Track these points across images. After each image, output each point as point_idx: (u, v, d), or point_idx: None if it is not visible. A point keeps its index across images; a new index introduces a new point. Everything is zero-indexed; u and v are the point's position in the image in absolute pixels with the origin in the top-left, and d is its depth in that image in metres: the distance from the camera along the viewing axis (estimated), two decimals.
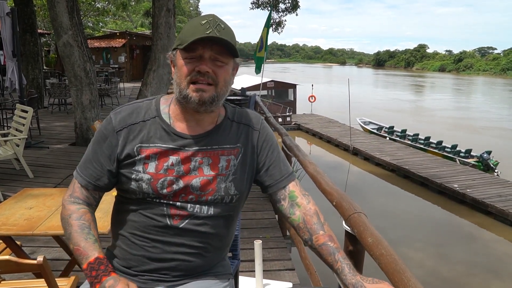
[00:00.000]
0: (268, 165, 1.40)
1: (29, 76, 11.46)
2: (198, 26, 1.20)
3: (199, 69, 1.21)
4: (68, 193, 1.36)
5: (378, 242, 1.71)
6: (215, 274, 1.41)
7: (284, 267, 3.56)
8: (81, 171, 1.34)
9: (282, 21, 21.54)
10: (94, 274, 1.18)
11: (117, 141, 1.30)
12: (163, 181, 1.27)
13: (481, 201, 9.75)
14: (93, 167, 1.32)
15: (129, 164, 1.29)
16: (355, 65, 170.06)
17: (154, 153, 1.28)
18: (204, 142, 1.32)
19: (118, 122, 1.32)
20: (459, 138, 17.52)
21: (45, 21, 25.95)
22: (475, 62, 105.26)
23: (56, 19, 6.94)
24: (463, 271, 7.37)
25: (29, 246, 3.62)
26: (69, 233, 1.28)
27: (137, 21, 46.48)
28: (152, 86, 8.46)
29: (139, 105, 1.36)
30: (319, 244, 1.31)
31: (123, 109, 1.35)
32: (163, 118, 1.33)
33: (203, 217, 1.31)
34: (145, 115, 1.33)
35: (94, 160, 1.32)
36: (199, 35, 1.18)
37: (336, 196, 2.30)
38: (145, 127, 1.31)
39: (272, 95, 22.99)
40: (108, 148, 1.31)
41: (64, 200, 1.35)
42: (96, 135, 1.35)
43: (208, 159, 1.31)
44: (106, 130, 1.33)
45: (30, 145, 7.34)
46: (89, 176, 1.33)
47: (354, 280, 1.19)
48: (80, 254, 1.23)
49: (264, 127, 1.44)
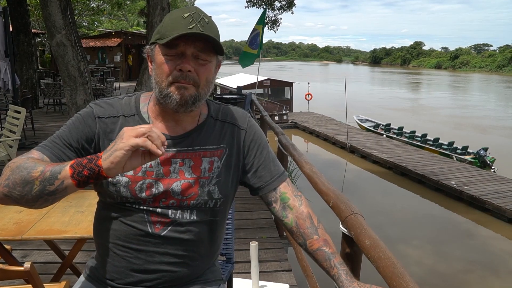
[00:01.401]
0: (256, 166, 1.33)
1: (23, 77, 11.38)
2: (179, 20, 1.12)
3: (181, 67, 1.13)
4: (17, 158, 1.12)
5: (375, 244, 1.67)
6: (204, 282, 1.34)
7: (281, 268, 3.52)
8: (42, 145, 1.17)
9: (277, 19, 21.50)
10: (85, 162, 0.98)
11: (95, 126, 1.21)
12: (141, 183, 1.19)
13: (478, 198, 9.76)
14: (61, 142, 1.18)
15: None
16: (352, 62, 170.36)
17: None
18: (185, 143, 1.24)
19: (98, 110, 1.24)
20: (469, 138, 17.10)
21: (40, 21, 25.78)
22: (471, 59, 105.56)
23: (49, 18, 6.86)
24: (461, 268, 7.36)
25: (21, 250, 3.57)
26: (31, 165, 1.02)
27: (133, 20, 46.29)
28: (147, 86, 8.40)
29: (119, 100, 1.28)
30: (313, 250, 1.26)
31: (103, 100, 1.28)
32: (142, 116, 1.26)
33: (186, 223, 1.23)
34: (125, 110, 1.26)
35: (64, 135, 1.19)
36: (182, 30, 1.10)
37: (333, 197, 2.25)
38: (124, 123, 1.23)
39: (268, 93, 22.95)
40: (84, 129, 1.20)
41: (11, 162, 1.10)
42: (72, 119, 1.24)
43: (189, 161, 1.23)
44: (85, 113, 1.23)
45: (24, 146, 7.26)
46: (54, 148, 1.16)
47: (351, 287, 1.15)
48: (56, 166, 1.01)
49: (251, 126, 1.36)
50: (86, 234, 2.09)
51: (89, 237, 2.09)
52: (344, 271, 1.20)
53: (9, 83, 7.12)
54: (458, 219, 9.65)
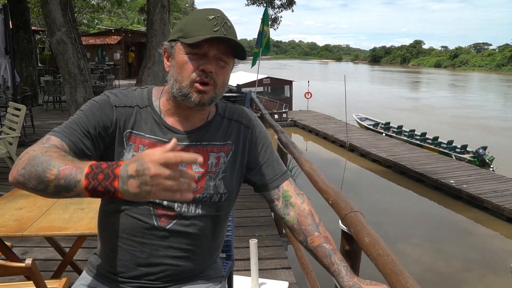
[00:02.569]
0: (261, 163, 1.36)
1: (23, 74, 11.37)
2: (204, 21, 1.15)
3: (204, 68, 1.15)
4: (33, 145, 1.08)
5: (375, 242, 1.68)
6: (206, 278, 1.36)
7: (280, 265, 3.53)
8: (58, 131, 1.14)
9: (278, 17, 21.52)
10: (101, 177, 0.90)
11: (112, 114, 1.21)
12: None
13: (477, 197, 9.77)
14: (76, 131, 1.14)
15: (118, 153, 1.22)
16: (351, 61, 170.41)
17: (143, 144, 1.23)
18: (194, 138, 1.27)
19: (114, 99, 1.24)
20: (482, 140, 16.41)
21: (40, 18, 25.76)
22: (470, 58, 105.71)
23: (49, 16, 6.87)
24: (459, 267, 7.38)
25: (21, 247, 3.57)
26: (47, 161, 0.97)
27: (133, 18, 46.27)
28: (147, 83, 8.40)
29: (132, 91, 1.30)
30: (314, 246, 1.27)
31: (117, 90, 1.30)
32: (155, 109, 1.28)
33: (191, 217, 1.25)
34: (139, 101, 1.28)
35: (81, 121, 1.16)
36: (208, 32, 1.13)
37: (332, 195, 2.26)
38: (139, 113, 1.25)
39: (268, 91, 22.94)
40: (102, 116, 1.20)
41: (30, 149, 1.05)
42: (87, 105, 1.22)
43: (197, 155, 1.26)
44: (102, 101, 1.23)
45: (24, 143, 7.25)
46: (71, 135, 1.13)
47: (352, 282, 1.16)
48: (70, 171, 0.93)
49: (256, 124, 1.39)
50: (86, 231, 2.09)
51: (90, 233, 2.10)
52: (345, 267, 1.21)
53: (9, 80, 7.11)
54: (456, 218, 9.67)
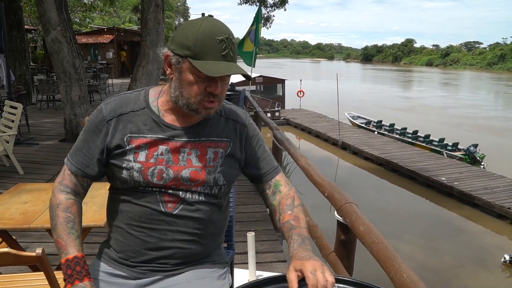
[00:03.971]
0: (256, 158, 1.47)
1: (16, 73, 11.35)
2: (213, 42, 1.19)
3: (212, 91, 1.24)
4: (58, 179, 1.39)
5: (369, 230, 1.77)
6: (212, 262, 1.45)
7: (276, 259, 3.62)
8: (71, 157, 1.38)
9: (270, 16, 21.58)
10: (69, 273, 1.23)
11: (107, 130, 1.32)
12: (153, 169, 1.30)
13: (468, 194, 9.88)
14: (83, 155, 1.35)
15: (119, 154, 1.31)
16: (343, 60, 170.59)
17: (144, 143, 1.31)
18: (193, 134, 1.36)
19: (108, 112, 1.33)
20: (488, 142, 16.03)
21: (32, 17, 25.63)
22: (461, 56, 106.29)
23: (44, 15, 6.88)
24: (452, 263, 7.46)
25: (22, 242, 3.62)
26: (54, 223, 1.32)
27: (125, 17, 46.06)
28: (141, 82, 8.45)
29: (128, 96, 1.38)
30: (283, 223, 1.37)
31: (112, 99, 1.38)
32: (152, 110, 1.35)
33: (195, 203, 1.34)
34: (135, 105, 1.35)
35: (84, 148, 1.35)
36: (217, 56, 1.19)
37: (328, 188, 2.35)
38: (135, 117, 1.33)
39: (261, 90, 23.01)
40: (98, 137, 1.33)
41: (55, 187, 1.38)
42: (87, 125, 1.37)
43: (196, 150, 1.35)
44: (97, 119, 1.35)
45: (19, 141, 7.29)
46: (79, 163, 1.36)
47: (291, 254, 1.22)
48: (61, 247, 1.27)
49: (251, 123, 1.50)
50: (91, 223, 2.16)
51: (95, 225, 2.17)
52: (294, 240, 1.26)
53: (4, 79, 7.14)
54: (448, 215, 9.77)
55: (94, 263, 1.44)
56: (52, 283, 1.83)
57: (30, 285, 2.11)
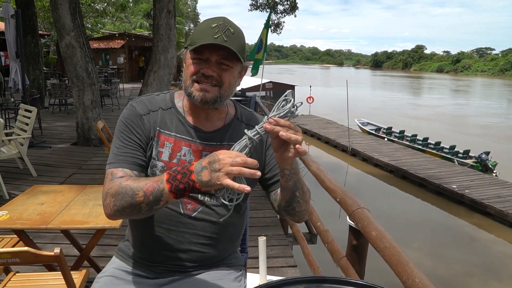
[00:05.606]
0: (272, 165, 1.47)
1: (30, 77, 11.51)
2: (207, 29, 1.25)
3: (204, 71, 1.27)
4: (106, 186, 1.25)
5: (381, 235, 1.79)
6: (228, 265, 1.48)
7: (287, 264, 3.63)
8: (113, 162, 1.29)
9: (280, 22, 21.62)
10: (179, 177, 1.10)
11: (143, 124, 1.34)
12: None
13: (480, 202, 9.77)
14: (124, 153, 1.30)
15: (149, 149, 1.34)
16: (353, 66, 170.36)
17: (169, 141, 1.34)
18: (215, 138, 1.39)
19: (140, 108, 1.37)
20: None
21: (45, 23, 25.98)
22: (473, 62, 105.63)
23: (58, 20, 7.00)
24: (462, 272, 7.38)
25: (36, 243, 3.67)
26: (129, 189, 1.17)
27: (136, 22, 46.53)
28: (152, 87, 8.52)
29: (155, 97, 1.43)
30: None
31: (141, 99, 1.42)
32: (178, 110, 1.40)
33: (214, 207, 1.37)
34: (162, 104, 1.40)
35: (123, 147, 1.31)
36: (207, 39, 1.23)
37: (340, 193, 2.37)
38: (164, 115, 1.38)
39: (270, 96, 23.07)
40: (136, 131, 1.33)
41: (105, 190, 1.24)
42: (120, 125, 1.35)
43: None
44: (131, 116, 1.35)
45: (33, 144, 7.38)
46: (123, 160, 1.29)
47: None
48: (153, 185, 1.14)
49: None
50: (107, 224, 2.20)
51: (110, 227, 2.21)
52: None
53: (19, 83, 7.25)
54: (459, 223, 9.68)
55: (113, 261, 1.48)
56: (69, 282, 1.88)
57: (47, 284, 2.15)
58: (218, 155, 1.08)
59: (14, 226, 2.15)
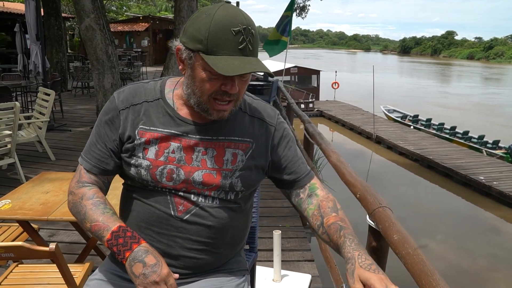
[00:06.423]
0: (286, 163, 1.31)
1: (53, 60, 11.58)
2: (229, 35, 1.04)
3: (227, 90, 1.10)
4: (74, 180, 1.26)
5: (404, 240, 1.62)
6: (229, 271, 1.32)
7: (303, 258, 3.49)
8: (85, 155, 1.26)
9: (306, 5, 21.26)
10: (121, 241, 1.09)
11: (119, 120, 1.22)
12: (162, 169, 1.18)
13: (509, 195, 9.42)
14: (98, 150, 1.24)
15: (129, 149, 1.20)
16: (380, 51, 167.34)
17: (154, 138, 1.19)
18: (210, 131, 1.22)
19: (120, 101, 1.23)
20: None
21: (70, 5, 26.18)
22: (507, 50, 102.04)
23: (78, 2, 6.92)
24: (486, 266, 7.17)
25: (48, 229, 3.65)
26: (83, 213, 1.18)
27: (161, 5, 46.52)
28: (173, 70, 8.43)
29: (143, 85, 1.27)
30: (328, 224, 1.19)
31: (126, 88, 1.27)
32: (167, 102, 1.23)
33: (209, 209, 1.21)
34: (149, 95, 1.24)
35: (98, 142, 1.24)
36: (232, 50, 1.05)
37: (360, 188, 2.20)
38: (148, 108, 1.22)
39: (295, 81, 22.79)
40: (111, 128, 1.23)
41: (71, 187, 1.26)
42: (99, 117, 1.27)
43: (212, 150, 1.21)
44: (109, 109, 1.24)
45: (53, 127, 7.41)
46: (93, 159, 1.24)
47: (350, 254, 1.07)
48: (100, 228, 1.13)
49: (280, 122, 1.33)
50: None
51: None
52: (350, 240, 1.11)
53: (39, 66, 7.24)
54: (485, 215, 9.40)
55: (105, 263, 1.35)
56: (67, 278, 1.79)
57: (49, 276, 2.07)
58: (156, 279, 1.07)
59: (14, 217, 2.07)
